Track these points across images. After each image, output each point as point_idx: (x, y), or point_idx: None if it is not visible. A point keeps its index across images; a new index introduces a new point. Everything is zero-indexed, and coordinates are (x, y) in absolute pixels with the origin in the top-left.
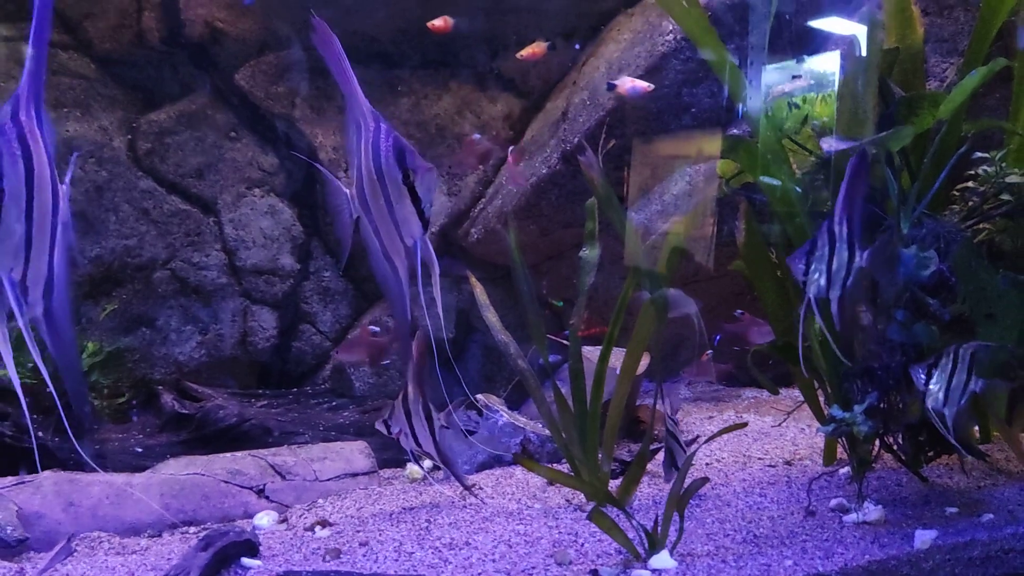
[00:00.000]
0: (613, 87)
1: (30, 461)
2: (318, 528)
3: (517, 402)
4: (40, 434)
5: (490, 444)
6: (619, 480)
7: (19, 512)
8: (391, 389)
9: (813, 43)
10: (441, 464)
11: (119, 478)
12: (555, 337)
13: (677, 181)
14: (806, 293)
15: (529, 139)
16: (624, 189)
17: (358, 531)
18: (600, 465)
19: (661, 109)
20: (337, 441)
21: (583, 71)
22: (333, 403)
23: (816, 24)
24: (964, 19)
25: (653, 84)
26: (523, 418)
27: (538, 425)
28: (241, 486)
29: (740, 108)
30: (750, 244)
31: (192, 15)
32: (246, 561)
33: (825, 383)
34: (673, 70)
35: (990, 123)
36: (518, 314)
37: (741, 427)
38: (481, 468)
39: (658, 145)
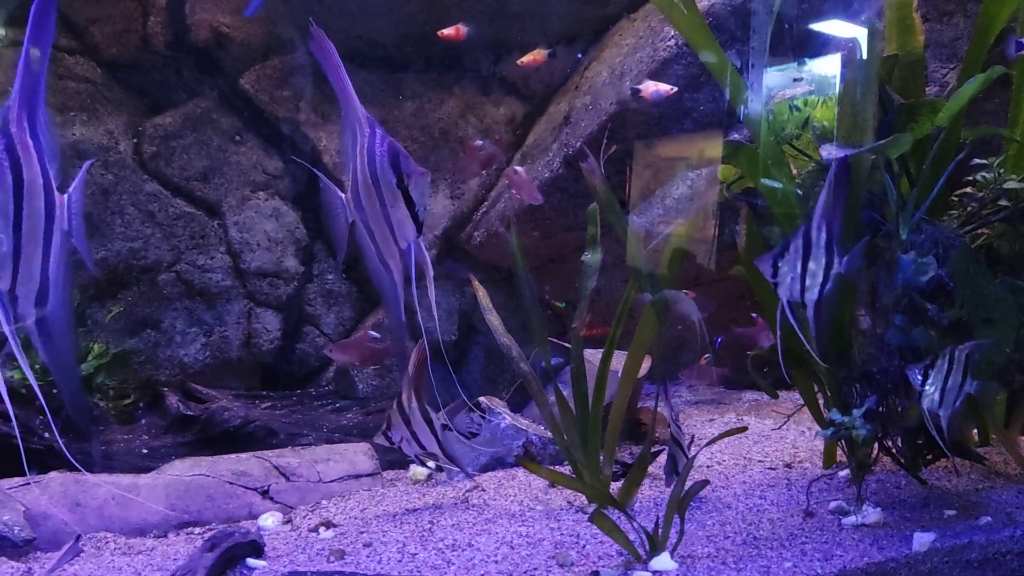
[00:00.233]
0: (637, 91)
1: (40, 462)
2: (322, 529)
3: (519, 404)
4: (47, 435)
5: (492, 446)
6: (620, 482)
7: (26, 512)
8: (394, 390)
9: (814, 46)
10: (447, 461)
11: (125, 479)
12: (557, 340)
13: (679, 185)
14: (779, 296)
15: (532, 143)
16: (626, 193)
17: (362, 532)
18: (602, 467)
19: (663, 114)
20: (340, 443)
21: (585, 76)
22: (336, 405)
23: (817, 27)
24: (964, 25)
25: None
26: (525, 420)
27: (540, 427)
28: (246, 487)
29: (741, 111)
30: (751, 248)
31: (197, 20)
32: (251, 562)
33: (825, 387)
34: (675, 75)
35: (988, 130)
36: (520, 317)
37: (741, 431)
38: (484, 470)
39: (660, 147)
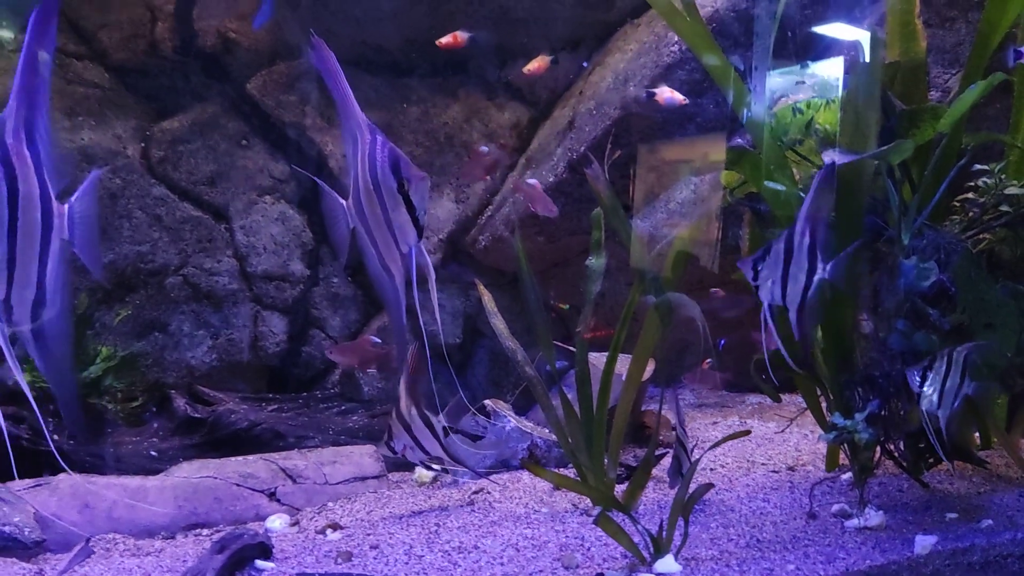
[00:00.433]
0: (652, 95)
1: (51, 464)
2: (329, 531)
3: (524, 407)
4: (56, 437)
5: (497, 449)
6: (624, 485)
7: (36, 514)
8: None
9: (817, 49)
10: (452, 463)
11: (133, 481)
12: (562, 344)
13: (682, 188)
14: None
15: (536, 147)
16: (630, 197)
17: (368, 534)
18: (606, 470)
19: (666, 119)
20: (347, 445)
21: (589, 81)
22: (342, 407)
23: (820, 30)
24: (966, 31)
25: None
26: (530, 423)
27: (545, 430)
28: (253, 489)
29: (744, 114)
30: (754, 252)
31: (205, 25)
32: (260, 563)
33: (827, 391)
34: (678, 80)
35: (990, 136)
36: (525, 320)
37: (744, 435)
38: (489, 472)
39: (663, 150)
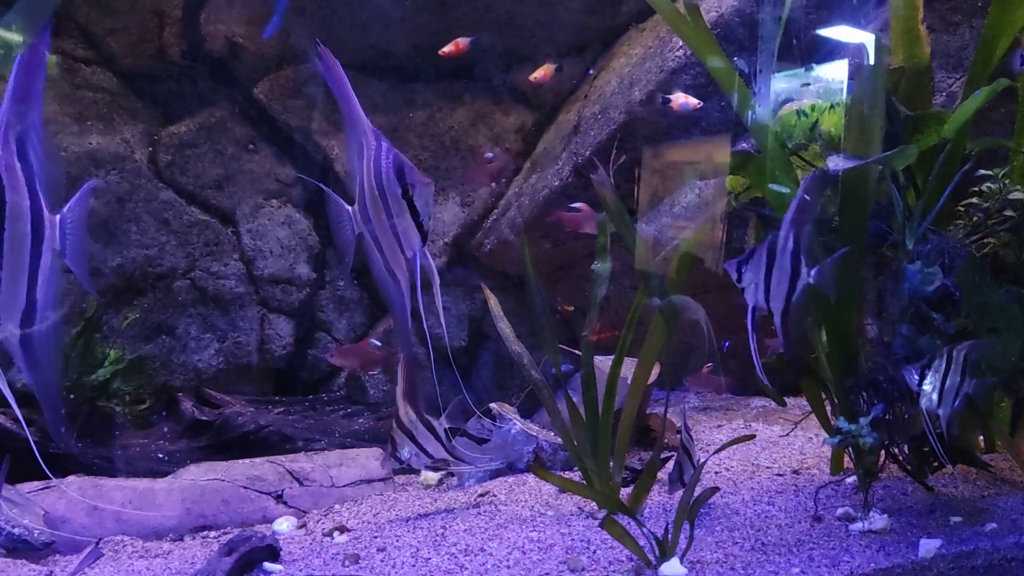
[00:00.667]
0: (668, 101)
1: (61, 467)
2: (336, 533)
3: (529, 410)
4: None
5: (503, 452)
6: (630, 488)
7: (45, 516)
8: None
9: (822, 52)
10: (459, 463)
11: (141, 483)
12: (567, 348)
13: (687, 192)
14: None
15: (541, 151)
16: (634, 201)
17: (375, 537)
18: (612, 474)
19: (671, 123)
20: (353, 448)
21: (595, 85)
22: (348, 410)
23: (825, 33)
24: (969, 35)
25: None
26: (535, 426)
27: (550, 433)
28: (260, 491)
29: (749, 117)
30: None
31: (212, 31)
32: (268, 566)
33: (832, 394)
34: (683, 85)
35: (994, 142)
36: (530, 324)
37: (749, 439)
38: (495, 476)
39: (668, 153)
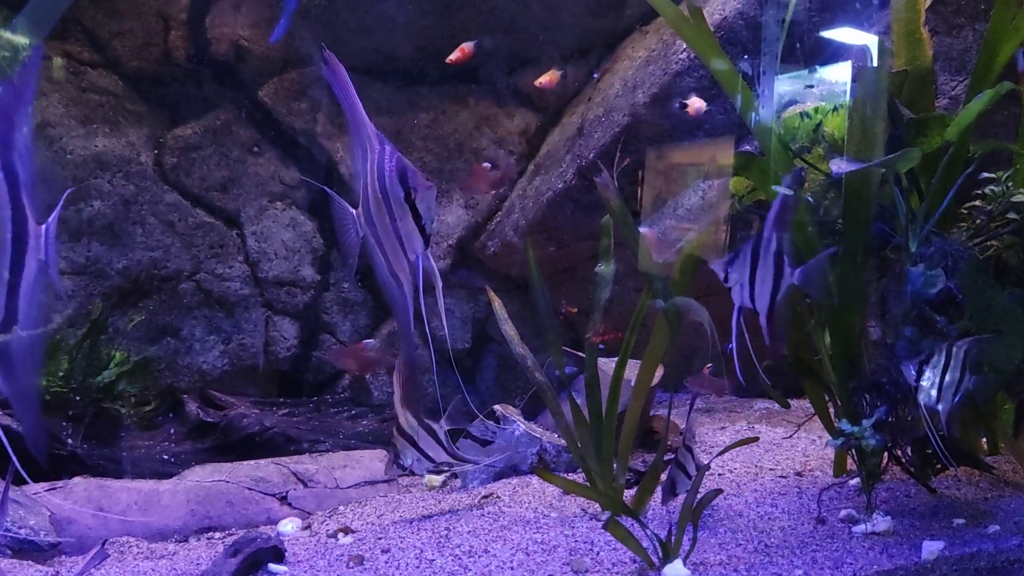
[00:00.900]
0: (684, 106)
1: (68, 468)
2: (341, 535)
3: (533, 412)
4: (70, 441)
5: (507, 454)
6: (634, 490)
7: (51, 517)
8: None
9: (826, 54)
10: (462, 465)
11: (147, 484)
12: (571, 350)
13: (691, 194)
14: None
15: (545, 154)
16: (638, 203)
17: (380, 538)
18: (615, 476)
19: (675, 126)
20: (357, 449)
21: (598, 87)
22: (352, 412)
23: (828, 35)
24: (972, 38)
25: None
26: (539, 428)
27: (554, 435)
28: (265, 493)
29: (752, 119)
30: None
31: (217, 34)
32: (273, 567)
33: (835, 397)
34: (687, 87)
35: (997, 144)
36: (534, 326)
37: (752, 441)
38: (498, 477)
39: (671, 155)
